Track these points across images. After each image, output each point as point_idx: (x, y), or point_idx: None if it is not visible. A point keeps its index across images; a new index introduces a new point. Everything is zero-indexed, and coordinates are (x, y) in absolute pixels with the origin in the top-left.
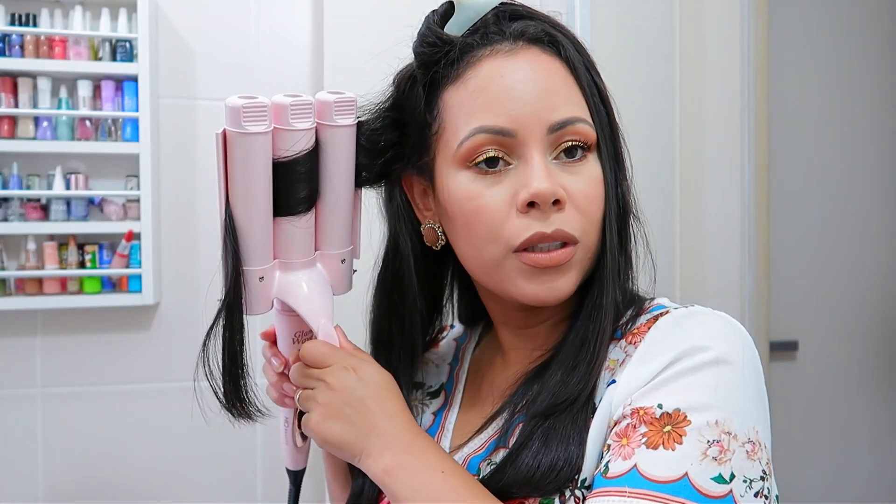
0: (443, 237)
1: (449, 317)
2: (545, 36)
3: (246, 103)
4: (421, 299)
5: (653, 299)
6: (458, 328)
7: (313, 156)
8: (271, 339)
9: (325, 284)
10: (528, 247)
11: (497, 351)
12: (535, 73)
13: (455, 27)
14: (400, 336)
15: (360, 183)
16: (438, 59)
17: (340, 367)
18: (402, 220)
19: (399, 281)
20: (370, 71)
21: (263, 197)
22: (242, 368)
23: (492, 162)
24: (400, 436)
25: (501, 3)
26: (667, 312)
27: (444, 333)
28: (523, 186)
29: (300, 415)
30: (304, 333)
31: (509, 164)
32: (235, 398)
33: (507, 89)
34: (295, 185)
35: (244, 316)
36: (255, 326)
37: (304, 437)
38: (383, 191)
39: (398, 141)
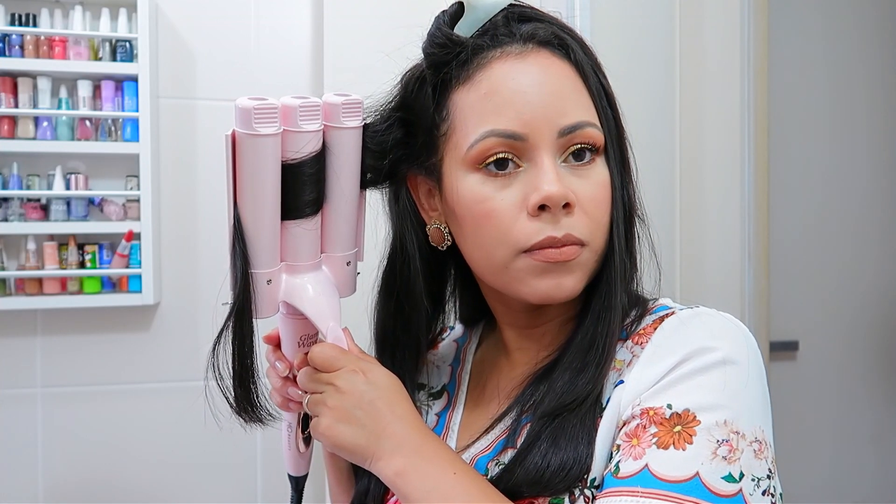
0: (449, 238)
1: (451, 317)
2: (555, 38)
3: (257, 104)
4: (426, 299)
5: (656, 300)
6: (458, 329)
7: (320, 158)
8: (275, 342)
9: (332, 287)
10: (537, 248)
11: (501, 351)
12: (545, 77)
13: (465, 28)
14: (405, 335)
15: (366, 184)
16: (449, 60)
17: (349, 370)
18: (407, 220)
19: (404, 280)
20: (371, 71)
21: (272, 199)
22: (253, 373)
23: (501, 164)
24: (411, 437)
25: (510, 5)
26: (672, 313)
27: (444, 335)
28: (534, 190)
29: (304, 420)
30: (310, 336)
31: (519, 166)
32: (247, 403)
33: (519, 93)
34: (303, 188)
35: (253, 319)
36: (256, 331)
37: (307, 443)
38: (388, 191)
39: (405, 141)
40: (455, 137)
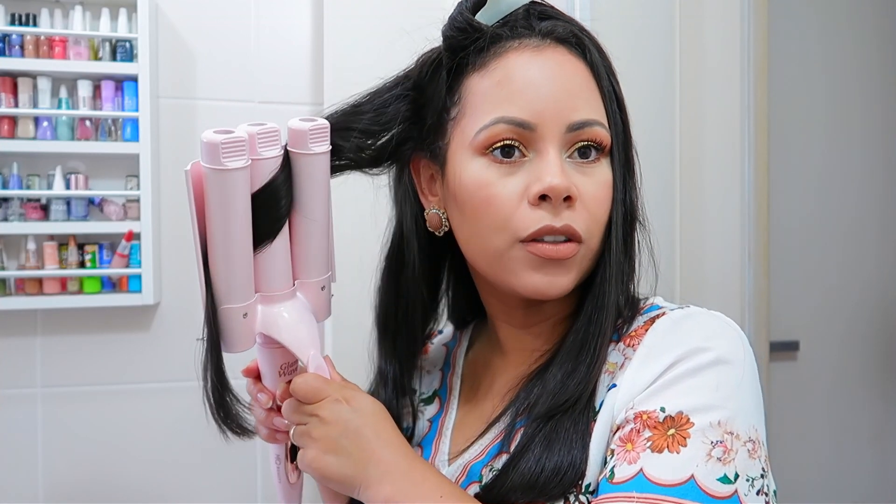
0: (446, 223)
1: (443, 317)
2: (572, 37)
3: (225, 139)
4: (422, 284)
5: (647, 299)
6: (447, 332)
7: (285, 178)
8: (254, 374)
9: (309, 314)
10: (535, 238)
11: (495, 351)
12: (560, 72)
13: (486, 18)
14: (404, 322)
15: (374, 162)
16: (467, 45)
17: (333, 399)
18: (407, 202)
19: (403, 262)
20: (371, 71)
21: (244, 232)
22: (231, 398)
23: (507, 151)
24: (398, 463)
25: (532, 2)
26: (663, 314)
27: (433, 339)
28: (537, 180)
29: (293, 450)
30: (290, 365)
31: (525, 155)
32: (231, 414)
33: (532, 84)
34: (272, 215)
35: (222, 363)
36: (235, 364)
37: (299, 473)
38: (392, 172)
39: (413, 121)
40: (464, 122)
